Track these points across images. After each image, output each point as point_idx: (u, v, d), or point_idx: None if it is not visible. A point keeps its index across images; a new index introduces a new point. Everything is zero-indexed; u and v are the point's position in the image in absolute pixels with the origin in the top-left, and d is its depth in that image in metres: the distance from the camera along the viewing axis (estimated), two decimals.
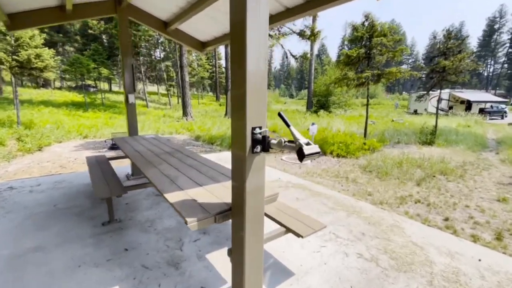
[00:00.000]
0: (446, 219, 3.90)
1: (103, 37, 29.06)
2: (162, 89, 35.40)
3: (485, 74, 72.85)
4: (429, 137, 10.01)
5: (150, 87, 40.44)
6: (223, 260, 2.53)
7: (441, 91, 11.31)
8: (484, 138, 11.75)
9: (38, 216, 3.31)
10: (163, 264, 2.48)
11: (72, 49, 29.56)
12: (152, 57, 29.89)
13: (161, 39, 28.14)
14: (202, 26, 4.64)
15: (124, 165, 5.76)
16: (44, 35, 9.87)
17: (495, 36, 67.25)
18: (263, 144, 1.45)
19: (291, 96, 67.00)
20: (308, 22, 9.32)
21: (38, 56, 8.95)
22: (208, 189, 2.12)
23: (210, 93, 44.41)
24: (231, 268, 1.88)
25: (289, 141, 1.36)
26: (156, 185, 2.19)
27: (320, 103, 23.02)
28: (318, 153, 1.27)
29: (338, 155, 7.94)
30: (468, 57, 10.20)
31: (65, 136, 9.69)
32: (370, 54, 8.67)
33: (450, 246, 2.93)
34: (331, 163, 7.23)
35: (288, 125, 1.40)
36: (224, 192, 2.06)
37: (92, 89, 28.23)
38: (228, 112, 18.09)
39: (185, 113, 17.28)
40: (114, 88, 37.77)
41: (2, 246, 2.67)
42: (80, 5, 4.01)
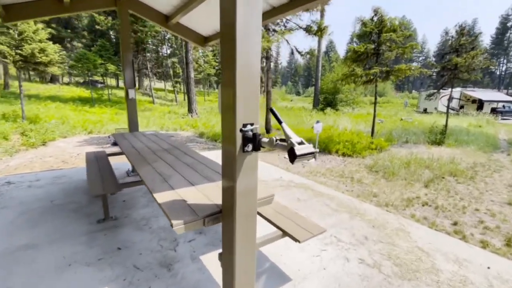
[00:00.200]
0: (455, 224, 3.71)
1: (110, 33, 29.23)
2: (169, 86, 35.52)
3: (498, 73, 70.64)
4: (439, 137, 9.69)
5: (158, 84, 40.64)
6: (218, 262, 2.41)
7: (452, 90, 10.93)
8: (496, 139, 11.34)
9: (34, 212, 3.27)
10: (155, 265, 2.39)
11: (80, 45, 29.84)
12: (159, 54, 29.96)
13: (168, 36, 28.15)
14: (203, 19, 4.51)
15: (126, 161, 5.71)
16: (50, 30, 9.86)
17: (508, 34, 64.99)
18: (254, 143, 1.32)
19: (298, 94, 66.40)
20: (315, 17, 9.08)
21: (43, 51, 8.98)
22: (201, 189, 2.01)
23: (217, 90, 44.45)
24: (222, 273, 1.77)
25: (281, 140, 1.24)
26: (147, 184, 2.09)
27: (327, 101, 22.66)
28: (313, 154, 1.14)
29: (344, 154, 7.74)
30: (481, 54, 9.80)
31: (70, 131, 9.75)
32: (379, 50, 8.40)
33: (458, 253, 2.76)
34: (336, 162, 7.05)
35: (280, 122, 1.28)
36: (217, 193, 1.95)
37: (100, 85, 28.49)
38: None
39: (190, 110, 17.24)
40: (121, 84, 38.04)
41: None
42: None
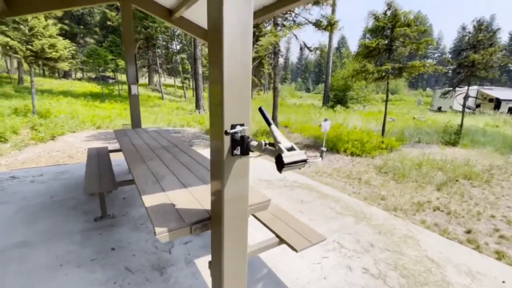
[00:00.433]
0: (468, 231, 3.48)
1: (121, 29, 29.50)
2: (178, 82, 35.69)
3: None
4: (453, 137, 9.27)
5: (168, 80, 40.92)
6: None
7: (469, 88, 10.42)
8: None
9: (33, 208, 3.26)
10: (148, 268, 2.31)
11: (93, 41, 30.32)
12: (169, 50, 30.04)
13: (178, 32, 28.14)
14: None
15: None
16: (60, 25, 9.95)
17: None
18: (242, 146, 1.19)
19: (308, 90, 65.55)
20: (325, 12, 8.77)
21: (53, 46, 9.10)
22: (193, 192, 1.90)
23: None
24: (211, 282, 1.66)
25: (271, 144, 1.10)
26: (138, 185, 2.00)
27: (337, 98, 22.18)
28: (304, 162, 1.00)
29: (352, 154, 7.51)
30: (500, 51, 9.27)
31: (79, 126, 9.88)
32: (392, 46, 8.05)
33: (471, 264, 2.55)
34: (344, 162, 6.83)
35: (269, 124, 1.13)
36: (209, 196, 1.83)
37: (111, 81, 28.91)
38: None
39: (198, 106, 17.23)
40: None
41: None
42: None
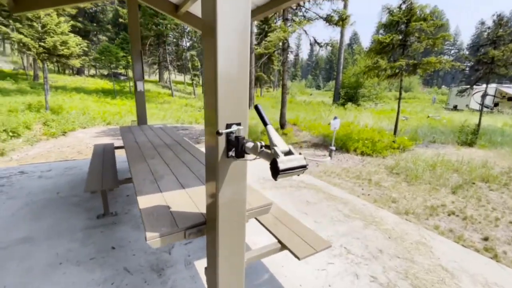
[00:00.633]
0: (486, 239, 3.26)
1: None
2: (188, 79, 35.90)
3: None
4: (470, 137, 8.85)
5: (178, 77, 41.25)
6: None
7: (487, 86, 9.91)
8: None
9: (38, 204, 3.28)
10: (147, 269, 2.26)
11: (105, 38, 30.83)
12: (179, 47, 30.21)
13: (188, 29, 28.23)
14: None
15: None
16: (72, 22, 10.12)
17: None
18: (237, 148, 1.09)
19: (318, 87, 64.65)
20: (336, 6, 8.50)
21: (64, 43, 9.26)
22: (191, 194, 1.81)
23: None
24: None
25: (267, 146, 0.99)
26: (135, 184, 1.93)
27: (348, 95, 21.70)
28: (302, 168, 0.88)
29: (363, 153, 7.28)
30: None
31: (90, 122, 10.04)
32: (406, 41, 7.72)
33: (488, 275, 2.38)
34: (354, 162, 6.63)
35: (265, 124, 1.02)
36: None
37: (122, 77, 29.33)
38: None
39: None
40: (144, 77, 39.07)
41: None
42: None
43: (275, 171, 0.83)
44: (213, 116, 1.14)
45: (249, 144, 1.05)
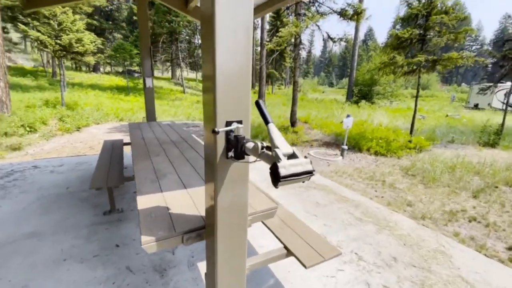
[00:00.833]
0: (511, 248, 3.02)
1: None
2: (200, 76, 36.11)
3: None
4: (493, 137, 8.36)
5: (190, 74, 41.60)
6: None
7: None
8: None
9: (47, 199, 3.31)
10: (149, 269, 2.21)
11: (120, 36, 31.43)
12: (192, 44, 30.37)
13: (200, 26, 28.26)
14: None
15: None
16: (87, 20, 10.32)
17: None
18: (236, 148, 0.98)
19: (331, 85, 63.48)
20: (351, 0, 8.17)
21: (79, 41, 9.47)
22: (192, 194, 1.73)
23: None
24: None
25: (268, 147, 0.88)
26: (136, 183, 1.87)
27: (362, 93, 21.11)
28: (308, 174, 0.77)
29: (377, 153, 7.02)
30: None
31: (103, 118, 10.22)
32: (426, 36, 7.34)
33: None
34: (367, 162, 6.40)
35: (267, 122, 0.91)
36: None
37: (136, 74, 29.87)
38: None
39: None
40: (157, 74, 39.62)
41: (2, 229, 2.65)
42: None
43: (276, 177, 0.71)
44: (211, 113, 1.04)
45: (249, 145, 0.94)
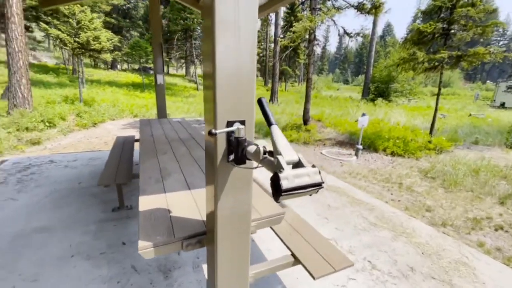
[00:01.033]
0: None
1: (162, 21, 30.69)
2: None
3: None
4: None
5: None
6: None
7: None
8: None
9: (60, 194, 3.37)
10: (154, 269, 2.17)
11: (137, 34, 32.06)
12: None
13: None
14: None
15: None
16: (104, 18, 10.57)
17: None
18: (237, 151, 0.89)
19: (346, 82, 62.00)
20: None
21: (97, 38, 9.69)
22: (196, 196, 1.66)
23: (260, 78, 44.02)
24: None
25: (270, 153, 0.77)
26: (140, 182, 1.83)
27: (379, 90, 20.40)
28: (316, 187, 0.66)
29: (393, 154, 6.72)
30: None
31: (118, 114, 10.45)
32: (450, 30, 6.91)
33: None
34: (383, 163, 6.14)
35: (270, 123, 0.81)
36: None
37: (152, 71, 30.42)
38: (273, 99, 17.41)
39: None
40: (172, 71, 40.20)
41: (14, 223, 2.71)
42: None
43: (277, 190, 0.61)
44: (211, 112, 0.95)
45: (251, 148, 0.84)
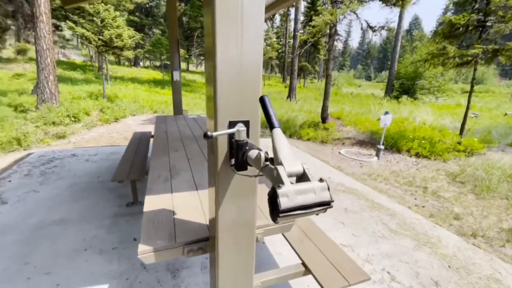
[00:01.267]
0: None
1: (183, 19, 31.15)
2: None
3: None
4: None
5: None
6: None
7: None
8: None
9: (79, 187, 3.48)
10: (162, 268, 2.15)
11: (159, 31, 32.84)
12: None
13: None
14: None
15: None
16: (127, 16, 10.92)
17: None
18: (237, 155, 0.79)
19: (369, 78, 59.79)
20: None
21: (119, 36, 10.01)
22: (202, 197, 1.60)
23: (278, 74, 43.54)
24: None
25: (272, 160, 0.67)
26: (148, 181, 1.80)
27: (404, 87, 19.36)
28: (323, 207, 0.54)
29: (418, 155, 6.33)
30: None
31: (139, 110, 10.75)
32: (485, 22, 6.34)
33: None
34: (406, 165, 5.79)
35: (272, 126, 0.70)
36: None
37: None
38: (291, 96, 17.13)
39: None
40: (191, 68, 40.86)
41: (36, 214, 2.82)
42: None
43: (274, 209, 0.51)
44: (212, 111, 0.87)
45: (252, 153, 0.74)
